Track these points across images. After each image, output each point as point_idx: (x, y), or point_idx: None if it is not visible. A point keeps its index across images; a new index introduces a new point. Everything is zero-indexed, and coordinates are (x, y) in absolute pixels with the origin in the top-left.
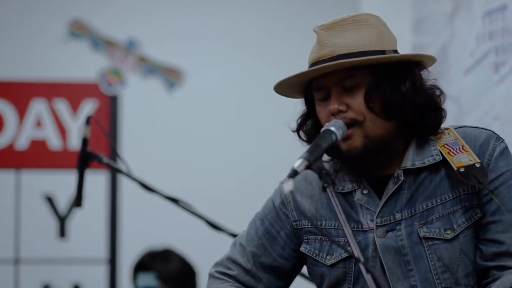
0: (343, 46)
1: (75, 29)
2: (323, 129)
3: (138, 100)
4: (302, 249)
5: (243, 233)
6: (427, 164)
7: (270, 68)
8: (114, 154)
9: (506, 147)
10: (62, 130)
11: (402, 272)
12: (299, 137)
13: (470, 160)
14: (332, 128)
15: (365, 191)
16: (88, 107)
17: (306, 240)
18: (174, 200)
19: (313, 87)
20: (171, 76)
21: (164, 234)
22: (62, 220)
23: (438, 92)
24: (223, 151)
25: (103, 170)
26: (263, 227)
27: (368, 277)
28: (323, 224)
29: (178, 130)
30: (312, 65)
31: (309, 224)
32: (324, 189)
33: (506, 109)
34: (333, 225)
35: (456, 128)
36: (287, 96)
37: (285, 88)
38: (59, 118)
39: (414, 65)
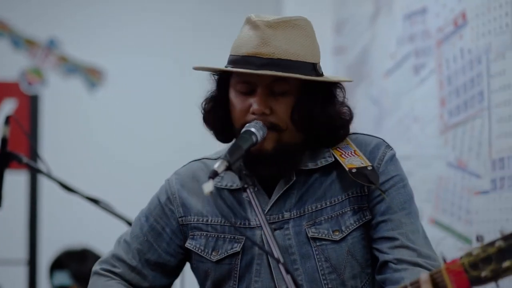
0: (283, 51)
1: None
2: (243, 129)
3: (58, 100)
4: (187, 245)
5: (128, 230)
6: (320, 165)
7: (190, 69)
8: (34, 154)
9: (395, 155)
10: None
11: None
12: (204, 121)
13: (362, 163)
14: (253, 129)
15: (255, 189)
16: (8, 106)
17: (192, 236)
18: (94, 201)
19: (235, 76)
20: (92, 76)
21: (84, 235)
22: None
23: (348, 112)
24: (144, 151)
25: (23, 170)
26: (148, 224)
27: (287, 278)
28: (209, 220)
29: (98, 130)
30: (246, 58)
31: (195, 220)
32: (244, 189)
33: (426, 110)
34: (219, 221)
35: (348, 135)
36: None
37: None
38: None
39: (336, 85)
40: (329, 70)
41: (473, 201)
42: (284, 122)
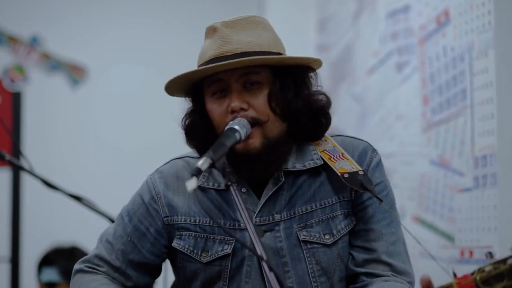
0: (246, 44)
1: None
2: (227, 127)
3: (41, 97)
4: (174, 244)
5: (110, 229)
6: (308, 167)
7: (173, 66)
8: (16, 151)
9: (380, 159)
10: None
11: (279, 273)
12: (186, 136)
13: (353, 168)
14: (236, 127)
15: (243, 189)
16: None
17: (179, 236)
18: (77, 198)
19: (207, 82)
20: (74, 73)
21: (67, 232)
22: None
23: (325, 98)
24: (126, 148)
25: (5, 167)
26: (131, 224)
27: (271, 275)
28: (197, 221)
29: (81, 127)
30: (212, 60)
31: (182, 220)
32: (227, 187)
33: (409, 108)
34: (207, 222)
35: (333, 136)
36: (175, 96)
37: (174, 85)
38: None
39: (307, 69)
40: None
41: (456, 198)
42: (264, 113)
